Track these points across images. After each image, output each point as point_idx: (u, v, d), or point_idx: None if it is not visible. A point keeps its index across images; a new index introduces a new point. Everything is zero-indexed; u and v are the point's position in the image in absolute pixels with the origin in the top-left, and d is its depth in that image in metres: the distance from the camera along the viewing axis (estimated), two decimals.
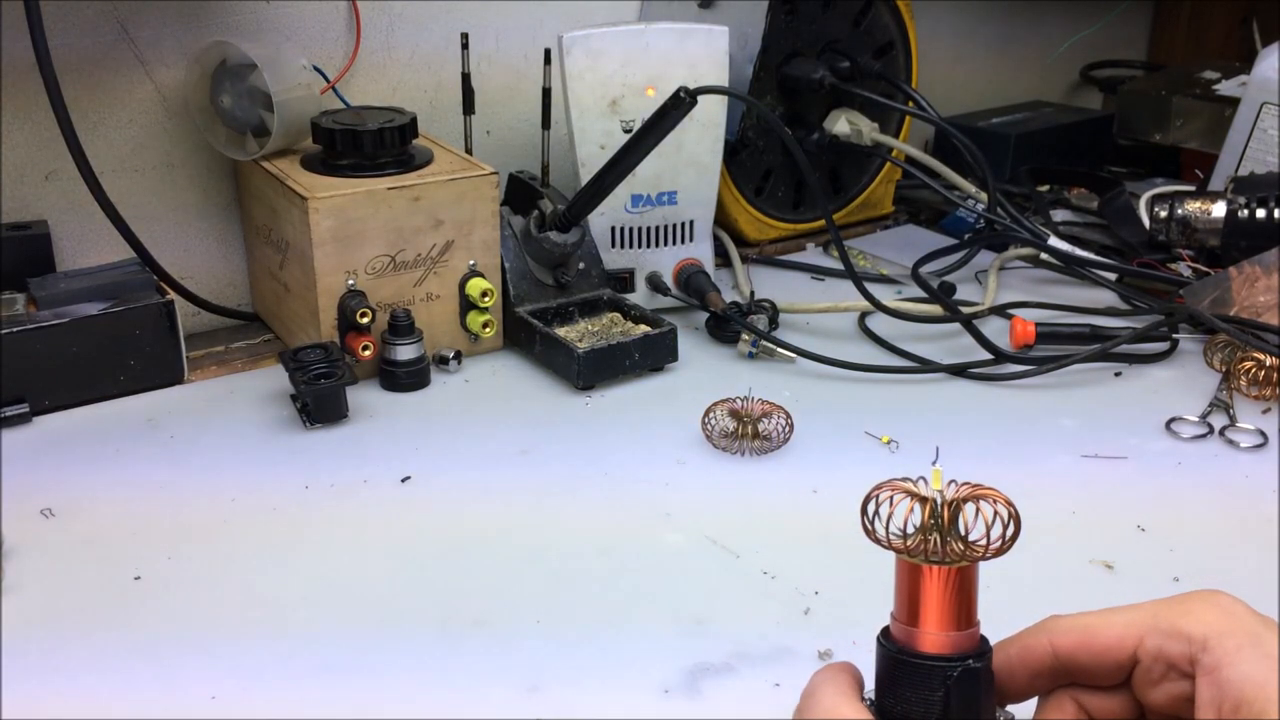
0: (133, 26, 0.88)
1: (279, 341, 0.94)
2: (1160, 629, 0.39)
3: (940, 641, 0.39)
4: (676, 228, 0.99)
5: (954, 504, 0.38)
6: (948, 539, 0.38)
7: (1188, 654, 0.38)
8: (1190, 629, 0.38)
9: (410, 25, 1.01)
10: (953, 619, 0.39)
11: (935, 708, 0.38)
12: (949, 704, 0.38)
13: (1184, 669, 0.38)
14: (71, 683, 0.55)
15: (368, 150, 0.86)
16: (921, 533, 0.38)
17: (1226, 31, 1.59)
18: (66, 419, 0.80)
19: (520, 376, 0.89)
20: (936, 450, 0.43)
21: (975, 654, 0.39)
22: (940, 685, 0.38)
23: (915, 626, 0.39)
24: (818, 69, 1.10)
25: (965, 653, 0.39)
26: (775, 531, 0.68)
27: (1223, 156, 1.16)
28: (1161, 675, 0.39)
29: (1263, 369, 0.85)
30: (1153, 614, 0.39)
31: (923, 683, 0.39)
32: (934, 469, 0.39)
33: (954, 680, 0.38)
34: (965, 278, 1.08)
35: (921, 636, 0.39)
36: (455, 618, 0.60)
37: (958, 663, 0.38)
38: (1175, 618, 0.39)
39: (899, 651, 0.39)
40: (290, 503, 0.70)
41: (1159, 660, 0.39)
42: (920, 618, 0.39)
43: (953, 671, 0.38)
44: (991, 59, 1.51)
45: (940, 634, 0.39)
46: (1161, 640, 0.39)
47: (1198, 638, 0.38)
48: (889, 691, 0.40)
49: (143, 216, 0.90)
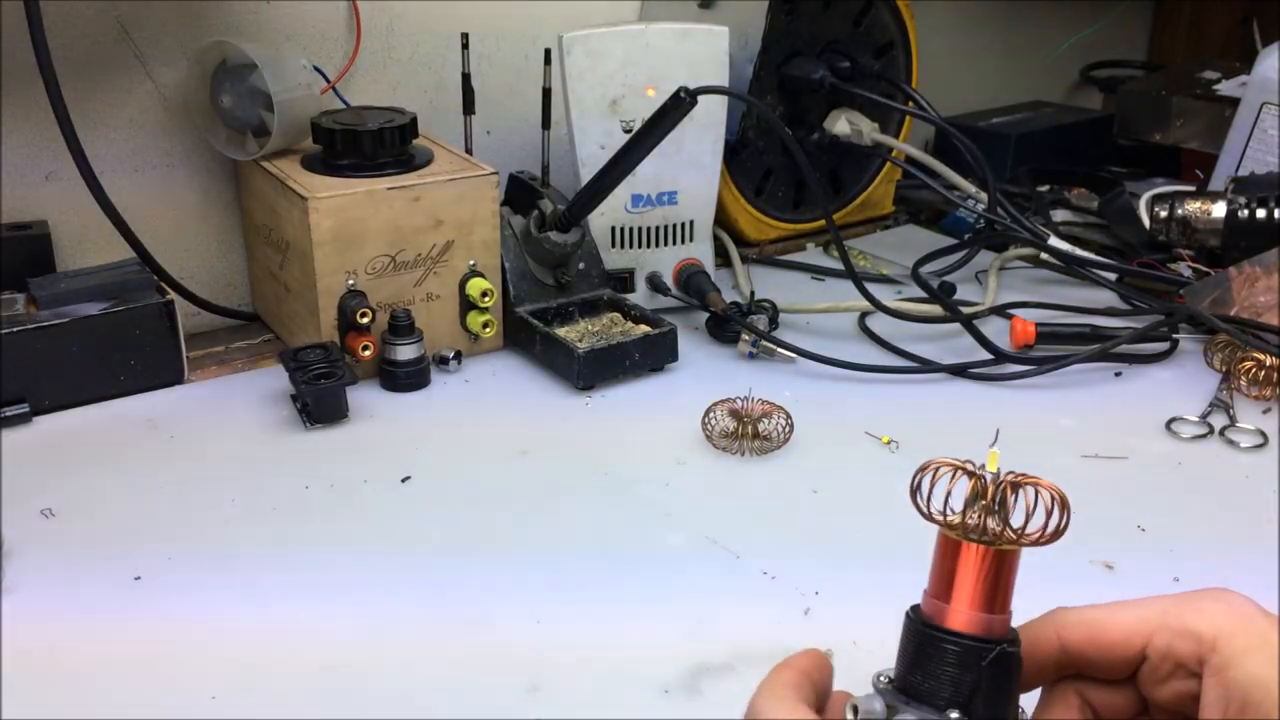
0: (133, 26, 0.88)
1: (279, 341, 0.94)
2: (1170, 627, 0.38)
3: (971, 620, 0.38)
4: (676, 228, 0.99)
5: (1005, 485, 0.37)
6: (992, 518, 0.37)
7: (1196, 653, 0.38)
8: (1200, 628, 0.38)
9: (410, 25, 1.01)
10: (988, 600, 0.38)
11: (965, 689, 0.37)
12: (979, 686, 0.37)
13: (1192, 668, 0.38)
14: (72, 683, 0.55)
15: (368, 150, 0.86)
16: (969, 510, 0.38)
17: (1226, 31, 1.59)
18: (66, 419, 0.80)
19: (520, 376, 0.89)
20: (996, 433, 0.41)
21: (1011, 639, 0.38)
22: (974, 666, 0.37)
23: (947, 602, 0.38)
24: (818, 69, 1.10)
25: (998, 636, 0.38)
26: (775, 531, 0.68)
27: (1223, 156, 1.16)
28: (1169, 673, 0.39)
29: (1263, 369, 0.85)
30: (1162, 611, 0.39)
31: (955, 661, 0.37)
32: (991, 451, 0.38)
33: (988, 663, 0.37)
34: (965, 278, 1.08)
35: (952, 613, 0.38)
36: (455, 618, 0.60)
37: (994, 645, 0.37)
38: (1185, 616, 0.38)
39: (931, 627, 0.38)
40: (290, 503, 0.70)
41: (1167, 658, 0.39)
42: (954, 594, 0.38)
43: (988, 653, 0.37)
44: (991, 59, 1.51)
45: (972, 613, 0.38)
46: (1170, 638, 0.38)
47: (1207, 637, 0.37)
48: (916, 668, 0.38)
49: (143, 216, 0.90)
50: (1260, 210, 1.01)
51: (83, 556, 0.65)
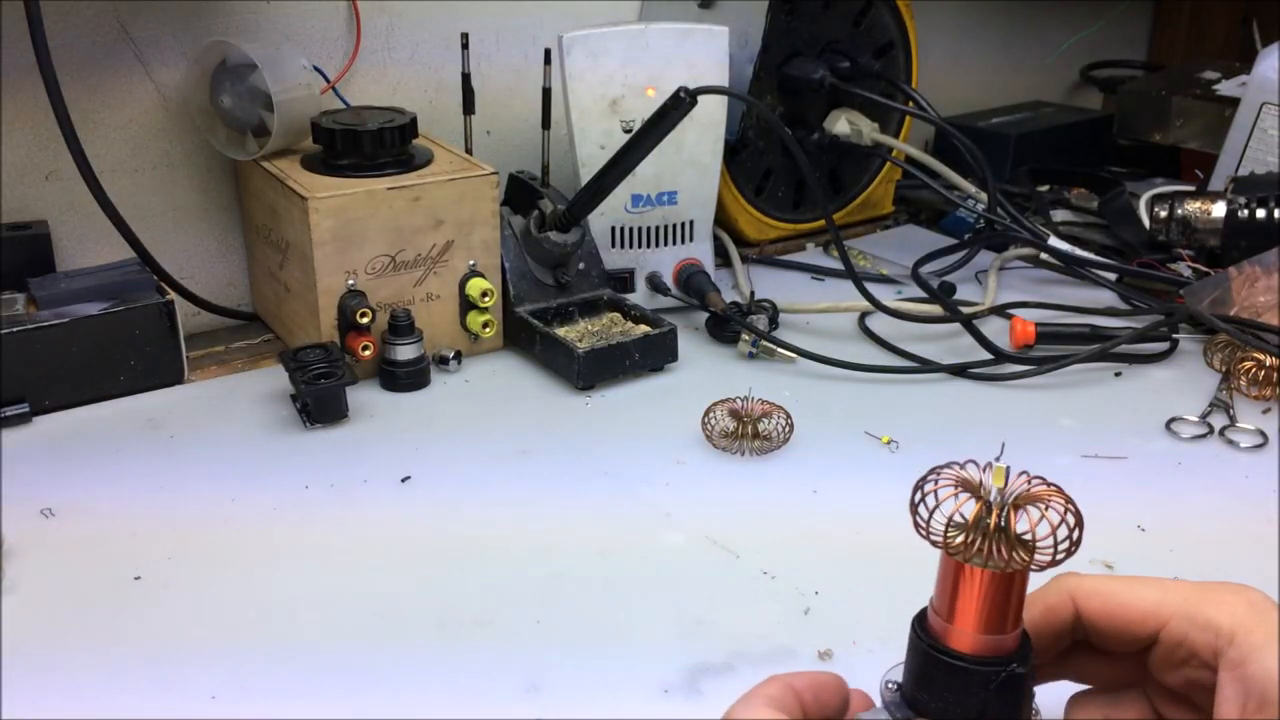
0: (133, 26, 0.88)
1: (279, 341, 0.94)
2: (1189, 616, 0.38)
3: (980, 643, 0.36)
4: (676, 228, 0.99)
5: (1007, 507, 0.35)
6: (998, 544, 0.35)
7: (1212, 645, 0.38)
8: (1219, 620, 0.38)
9: (410, 25, 1.01)
10: (995, 623, 0.36)
11: (972, 711, 0.36)
12: (988, 708, 0.36)
13: (1205, 658, 0.38)
14: (71, 683, 0.55)
15: (368, 150, 0.86)
16: (967, 531, 0.35)
17: (1226, 31, 1.59)
18: (66, 419, 0.80)
19: (520, 376, 0.89)
20: (1002, 446, 0.38)
21: (1020, 657, 0.37)
22: (981, 689, 0.36)
23: (953, 624, 0.37)
24: (818, 69, 1.10)
25: (1007, 655, 0.36)
26: (775, 531, 0.68)
27: (1223, 156, 1.16)
28: (1182, 660, 0.39)
29: (1263, 369, 0.85)
30: (1183, 598, 0.39)
31: (962, 685, 0.36)
32: (996, 466, 0.36)
33: (996, 685, 0.36)
34: (965, 278, 1.08)
35: (958, 634, 0.36)
36: (455, 618, 0.60)
37: (1000, 667, 0.36)
38: (1205, 607, 0.38)
39: (937, 649, 0.37)
40: (290, 503, 0.70)
41: (1182, 645, 0.38)
42: (957, 616, 0.36)
43: (996, 677, 0.36)
44: (991, 59, 1.51)
45: (981, 636, 0.36)
46: (1188, 627, 0.38)
47: (1225, 630, 0.37)
48: (923, 686, 0.37)
49: (143, 216, 0.90)
50: (1260, 210, 1.01)
51: (83, 556, 0.65)
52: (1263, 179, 1.06)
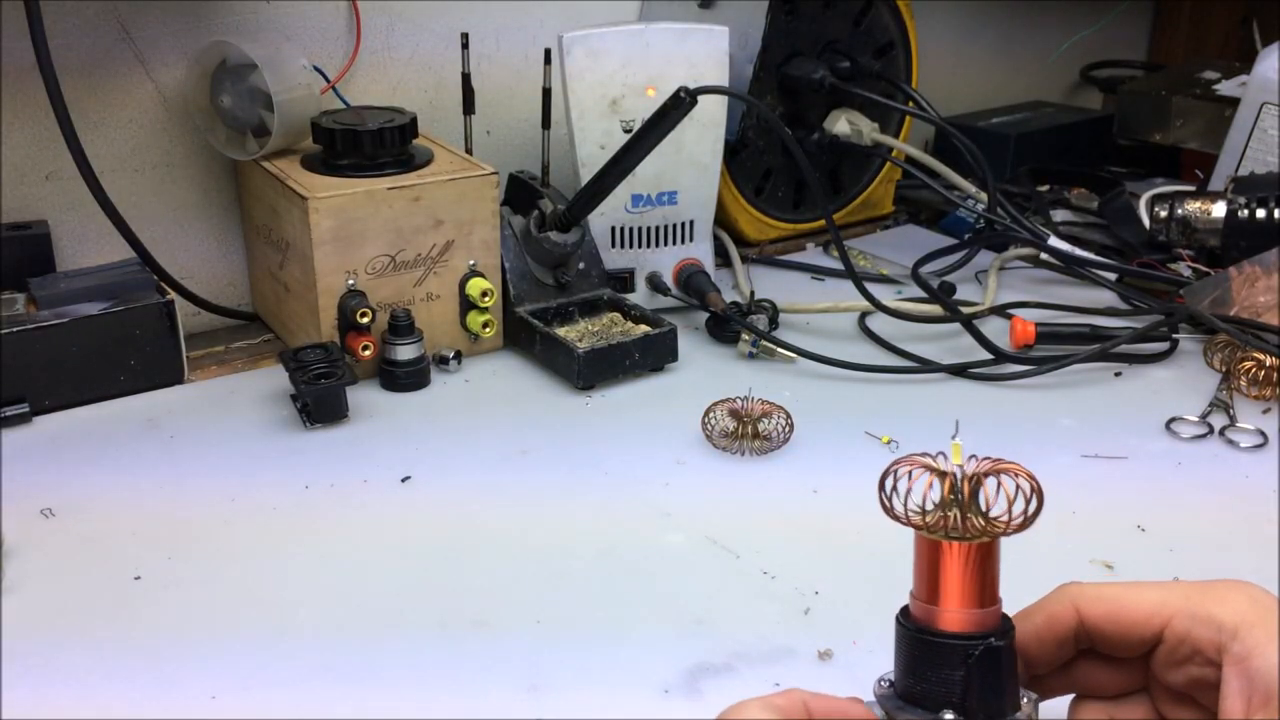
0: (133, 26, 0.88)
1: (279, 341, 0.94)
2: (1191, 612, 0.38)
3: (961, 619, 0.38)
4: (676, 228, 0.99)
5: (974, 478, 0.37)
6: (968, 514, 0.37)
7: (1216, 641, 0.38)
8: (1222, 616, 0.38)
9: (410, 25, 1.01)
10: (974, 596, 0.38)
11: (956, 687, 0.37)
12: (970, 683, 0.37)
13: (1209, 655, 0.38)
14: (71, 683, 0.55)
15: (368, 150, 0.86)
16: (941, 508, 0.37)
17: (1226, 31, 1.59)
18: (66, 419, 0.80)
19: (520, 376, 0.89)
20: (956, 424, 0.41)
21: (998, 632, 0.38)
22: (961, 664, 0.37)
23: (935, 604, 0.38)
24: (818, 69, 1.10)
25: (987, 631, 0.38)
26: (775, 531, 0.68)
27: (1223, 156, 1.16)
28: (1185, 658, 0.39)
29: (1263, 369, 0.85)
30: (1185, 596, 0.39)
31: (943, 662, 0.37)
32: (954, 443, 0.38)
33: (975, 659, 0.37)
34: (965, 278, 1.08)
35: (942, 615, 0.38)
36: (455, 618, 0.60)
37: (979, 641, 0.37)
38: (1208, 603, 0.38)
39: (919, 630, 0.38)
40: (290, 503, 0.70)
41: (1185, 642, 0.38)
42: (940, 595, 0.38)
43: (974, 650, 0.37)
44: (991, 59, 1.51)
45: (961, 611, 0.38)
46: (1191, 624, 0.38)
47: (1228, 626, 0.37)
48: (909, 672, 0.39)
49: (143, 216, 0.90)
50: (1260, 210, 1.01)
51: (83, 556, 0.65)
52: (1263, 179, 1.06)
